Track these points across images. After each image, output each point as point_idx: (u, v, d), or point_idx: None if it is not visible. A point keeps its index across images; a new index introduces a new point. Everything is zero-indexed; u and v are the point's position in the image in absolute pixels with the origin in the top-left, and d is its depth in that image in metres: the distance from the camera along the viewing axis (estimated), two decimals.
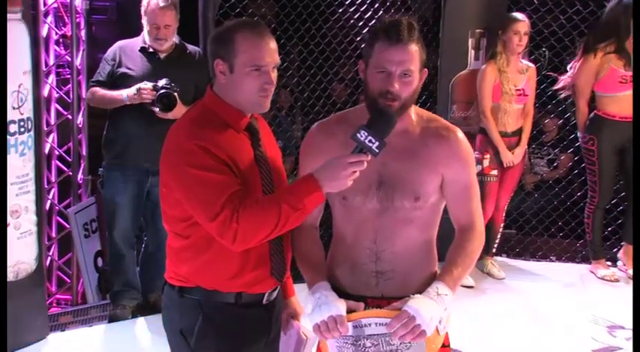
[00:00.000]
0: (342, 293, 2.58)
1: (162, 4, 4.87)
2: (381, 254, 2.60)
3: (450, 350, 2.69)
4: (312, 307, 2.51)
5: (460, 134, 2.65)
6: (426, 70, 2.59)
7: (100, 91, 4.99)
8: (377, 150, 2.37)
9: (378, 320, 2.47)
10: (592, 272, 6.12)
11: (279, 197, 2.46)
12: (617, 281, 5.99)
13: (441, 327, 2.53)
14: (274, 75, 2.57)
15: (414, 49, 2.50)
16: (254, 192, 2.53)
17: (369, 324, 2.48)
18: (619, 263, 6.19)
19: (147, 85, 4.80)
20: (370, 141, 2.36)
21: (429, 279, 2.60)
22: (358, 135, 2.37)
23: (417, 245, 2.63)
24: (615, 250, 6.28)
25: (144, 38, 5.01)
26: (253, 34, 2.54)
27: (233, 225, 2.41)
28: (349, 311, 2.49)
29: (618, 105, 5.77)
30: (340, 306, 2.48)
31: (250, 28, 2.56)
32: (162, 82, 4.80)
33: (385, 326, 2.45)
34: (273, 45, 2.56)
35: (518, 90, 5.78)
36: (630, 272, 6.02)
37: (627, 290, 5.82)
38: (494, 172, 5.88)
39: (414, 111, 2.64)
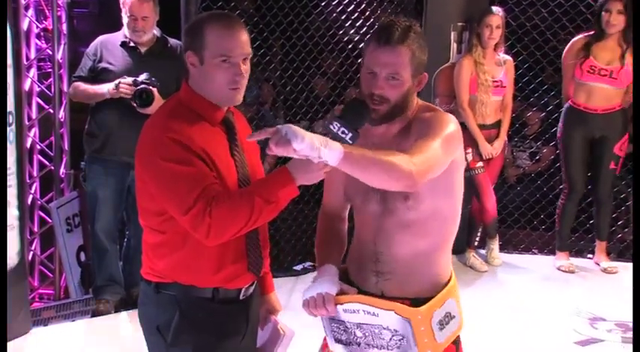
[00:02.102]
0: (351, 284, 2.60)
1: None
2: (379, 255, 2.59)
3: None
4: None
5: (446, 116, 2.52)
6: (425, 74, 2.53)
7: (82, 86, 4.98)
8: (350, 142, 2.33)
9: (366, 307, 2.47)
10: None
11: (253, 190, 2.45)
12: (572, 272, 6.04)
13: (440, 334, 2.49)
14: (245, 67, 2.54)
15: (405, 51, 2.44)
16: (230, 186, 2.52)
17: (358, 310, 2.48)
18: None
19: (126, 79, 4.79)
20: (343, 132, 2.33)
21: (431, 284, 2.58)
22: (331, 126, 2.34)
23: (416, 251, 2.57)
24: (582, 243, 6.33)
25: (125, 32, 5.00)
26: (222, 26, 2.52)
27: (206, 219, 2.39)
28: (342, 294, 2.50)
29: (586, 95, 5.81)
30: (332, 286, 2.50)
31: (220, 19, 2.55)
32: (142, 77, 4.79)
33: (373, 316, 2.45)
34: (244, 37, 2.54)
35: (496, 81, 5.82)
36: (603, 265, 6.07)
37: (608, 282, 5.87)
38: (480, 164, 5.90)
39: (417, 110, 2.56)
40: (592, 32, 5.82)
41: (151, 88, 4.77)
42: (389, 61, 2.44)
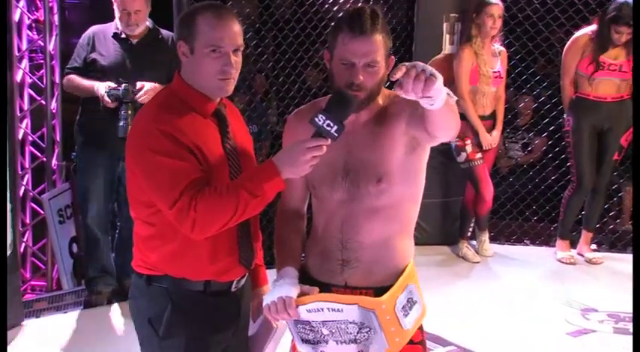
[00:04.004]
0: (310, 281, 2.58)
1: None
2: (346, 243, 2.58)
3: (421, 347, 2.65)
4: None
5: None
6: (393, 57, 2.54)
7: (76, 80, 4.99)
8: (336, 134, 2.33)
9: (330, 305, 2.46)
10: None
11: (238, 184, 2.43)
12: (573, 264, 6.05)
13: (405, 321, 2.49)
14: (236, 58, 2.53)
15: (379, 38, 2.45)
16: (221, 179, 2.51)
17: (322, 309, 2.47)
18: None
19: (105, 94, 4.80)
20: (329, 125, 2.32)
21: (395, 271, 2.58)
22: (316, 119, 2.33)
23: (382, 237, 2.58)
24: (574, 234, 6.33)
25: (116, 24, 4.99)
26: (213, 16, 2.51)
27: (191, 213, 2.38)
28: (303, 295, 2.49)
29: (594, 86, 5.80)
30: (292, 289, 2.48)
31: (211, 9, 2.53)
32: (120, 90, 4.80)
33: (338, 312, 2.45)
34: (235, 28, 2.53)
35: (495, 72, 5.82)
36: (588, 256, 6.09)
37: (600, 273, 5.89)
38: (479, 155, 5.90)
39: (383, 96, 2.59)
40: (593, 28, 5.78)
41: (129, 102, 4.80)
42: (366, 51, 2.44)
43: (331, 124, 2.32)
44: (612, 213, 6.67)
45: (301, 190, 2.71)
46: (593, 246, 6.30)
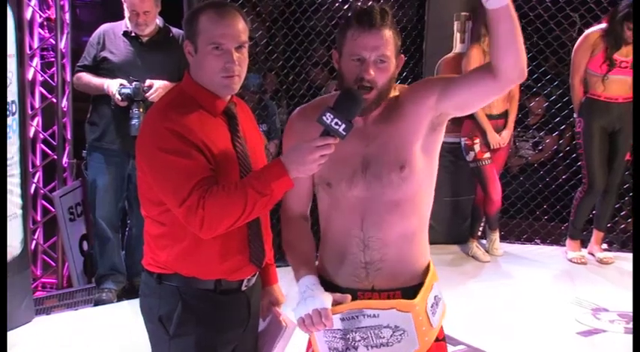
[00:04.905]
0: (331, 286, 2.54)
1: None
2: (368, 241, 2.53)
3: (444, 344, 2.65)
4: (298, 301, 2.46)
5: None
6: (402, 56, 2.52)
7: (85, 77, 5.02)
8: (344, 133, 2.30)
9: (366, 311, 2.45)
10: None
11: (246, 182, 2.42)
12: (584, 264, 6.04)
13: (434, 319, 2.51)
14: (239, 55, 2.52)
15: (388, 34, 2.43)
16: (231, 177, 2.50)
17: (357, 316, 2.45)
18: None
19: (117, 93, 4.84)
20: (336, 123, 2.30)
21: (418, 270, 2.58)
22: (324, 117, 2.31)
23: (403, 232, 2.54)
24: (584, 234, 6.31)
25: (126, 22, 5.01)
26: (215, 13, 2.51)
27: (199, 211, 2.37)
28: (336, 304, 2.45)
29: (605, 86, 5.78)
30: (325, 299, 2.42)
31: (214, 7, 2.54)
32: (131, 88, 4.83)
33: (374, 318, 2.43)
34: (238, 25, 2.52)
35: None
36: (599, 255, 6.07)
37: (611, 273, 5.87)
38: (487, 155, 5.90)
39: (396, 91, 2.56)
40: (603, 26, 5.77)
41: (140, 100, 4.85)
42: (376, 44, 2.41)
43: (339, 123, 2.30)
44: (623, 212, 6.65)
45: (305, 194, 2.67)
46: (604, 246, 6.29)
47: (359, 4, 6.29)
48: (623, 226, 6.61)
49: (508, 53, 2.31)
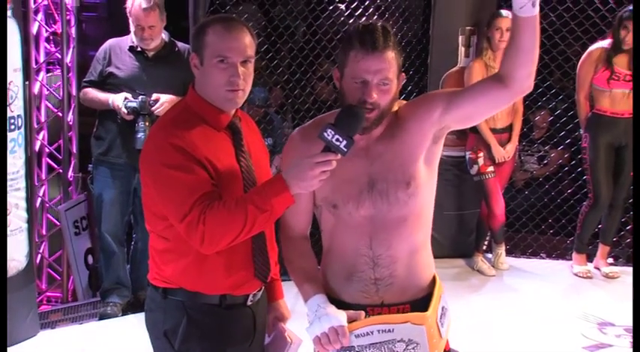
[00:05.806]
0: (339, 304, 2.51)
1: (144, 5, 4.88)
2: (378, 259, 2.53)
3: None
4: (311, 320, 2.45)
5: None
6: (403, 74, 2.51)
7: (91, 93, 5.05)
8: (345, 149, 2.29)
9: (381, 327, 2.45)
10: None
11: (247, 198, 2.41)
12: (590, 278, 6.02)
13: (443, 330, 2.52)
14: (245, 70, 2.52)
15: (391, 55, 2.41)
16: (235, 192, 2.50)
17: (372, 332, 2.44)
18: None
19: (123, 106, 4.87)
20: (337, 139, 2.28)
21: (425, 283, 2.59)
22: (325, 134, 2.29)
23: (411, 248, 2.55)
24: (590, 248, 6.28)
25: (132, 37, 5.03)
26: (222, 27, 2.52)
27: (200, 227, 2.37)
28: (350, 321, 2.44)
29: (611, 100, 5.78)
30: (340, 317, 2.42)
31: (221, 21, 2.55)
32: (137, 102, 4.85)
33: (388, 332, 2.43)
34: (244, 39, 2.52)
35: None
36: (605, 270, 6.05)
37: (617, 287, 5.85)
38: (491, 168, 5.89)
39: (396, 107, 2.55)
40: (608, 42, 5.78)
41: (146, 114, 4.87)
42: (379, 68, 2.39)
43: (340, 139, 2.29)
44: (629, 226, 6.63)
45: (306, 215, 2.65)
46: (610, 260, 6.28)
47: (363, 19, 6.33)
48: (629, 240, 6.59)
49: (525, 62, 2.37)
